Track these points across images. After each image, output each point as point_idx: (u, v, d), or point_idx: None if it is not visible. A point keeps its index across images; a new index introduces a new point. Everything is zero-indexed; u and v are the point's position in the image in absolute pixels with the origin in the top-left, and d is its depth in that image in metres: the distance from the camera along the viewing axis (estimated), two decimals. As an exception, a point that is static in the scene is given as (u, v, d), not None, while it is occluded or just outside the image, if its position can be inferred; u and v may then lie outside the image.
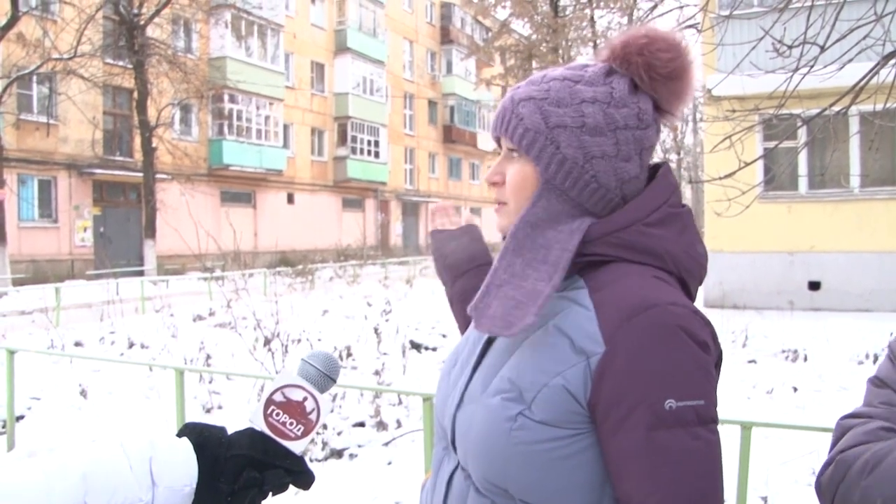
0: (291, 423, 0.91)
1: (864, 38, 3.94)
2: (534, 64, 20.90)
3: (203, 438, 0.88)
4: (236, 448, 0.88)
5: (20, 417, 5.80)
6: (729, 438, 2.16)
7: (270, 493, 0.92)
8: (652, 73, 1.07)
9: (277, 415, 0.90)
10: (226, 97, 27.39)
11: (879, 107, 4.37)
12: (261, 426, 0.90)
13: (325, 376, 0.96)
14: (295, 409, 0.91)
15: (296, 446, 0.91)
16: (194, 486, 0.86)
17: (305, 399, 0.92)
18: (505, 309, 1.07)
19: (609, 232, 1.07)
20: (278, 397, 0.91)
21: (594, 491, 1.01)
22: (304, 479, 0.93)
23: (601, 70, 1.11)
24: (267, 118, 29.51)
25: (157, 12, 21.53)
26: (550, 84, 1.10)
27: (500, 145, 1.19)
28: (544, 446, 1.00)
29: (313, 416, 0.92)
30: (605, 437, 0.99)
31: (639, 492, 0.96)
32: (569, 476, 1.01)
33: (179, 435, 0.90)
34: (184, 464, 0.85)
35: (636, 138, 1.08)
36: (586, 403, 0.99)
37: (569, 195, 1.09)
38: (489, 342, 1.17)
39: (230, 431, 0.94)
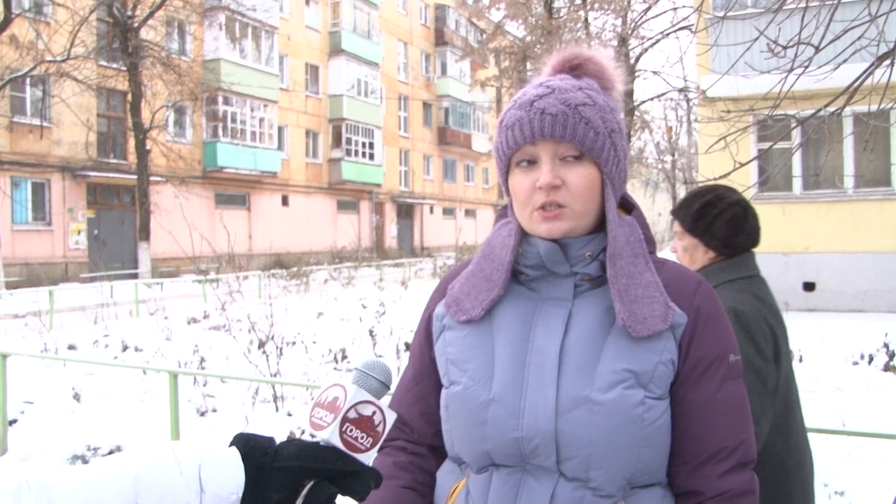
0: (362, 437, 0.93)
1: (859, 38, 3.94)
2: (528, 66, 20.91)
3: (249, 448, 0.90)
4: (283, 459, 0.90)
5: (13, 422, 5.77)
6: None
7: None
8: (603, 76, 1.23)
9: (351, 431, 0.92)
10: (220, 99, 27.34)
11: (874, 108, 4.36)
12: (338, 444, 0.92)
13: (384, 387, 0.98)
14: (365, 424, 0.93)
15: (365, 458, 0.94)
16: (240, 495, 0.87)
17: (374, 413, 0.94)
18: (647, 307, 1.14)
19: (640, 228, 1.24)
20: (352, 414, 0.93)
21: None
22: (373, 475, 0.93)
23: (591, 81, 1.22)
24: (261, 120, 29.46)
25: (151, 14, 21.46)
26: (587, 93, 1.18)
27: (507, 159, 1.21)
28: (664, 418, 1.14)
29: (380, 429, 0.94)
30: (685, 390, 1.15)
31: (718, 435, 1.14)
32: (668, 440, 1.15)
33: (230, 444, 0.91)
34: (232, 473, 0.87)
35: None
36: (676, 368, 1.15)
37: (616, 193, 1.20)
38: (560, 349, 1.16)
39: (233, 436, 0.95)
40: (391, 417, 0.95)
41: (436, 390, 1.28)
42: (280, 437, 0.95)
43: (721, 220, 2.09)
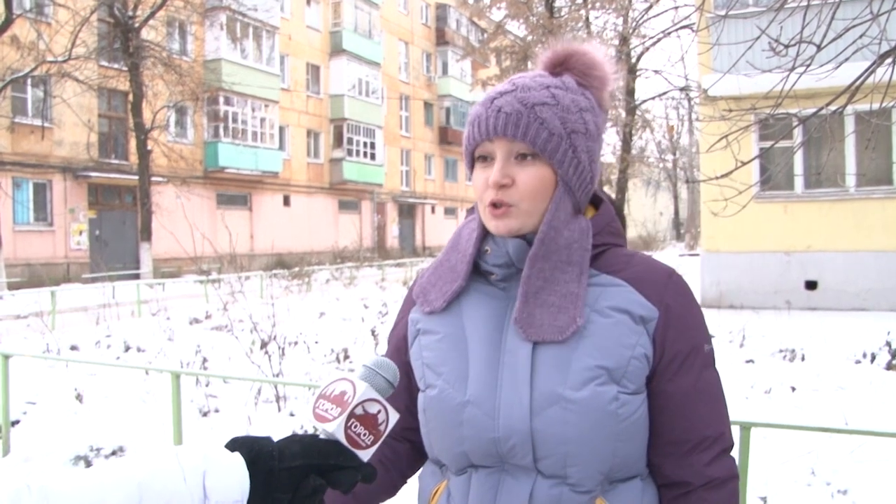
0: (364, 434, 0.94)
1: (861, 37, 3.94)
2: (529, 65, 20.89)
3: (254, 454, 0.89)
4: (289, 459, 0.90)
5: (15, 422, 5.77)
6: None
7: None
8: (589, 72, 1.22)
9: (355, 427, 0.93)
10: (221, 99, 27.34)
11: (875, 106, 4.36)
12: (342, 439, 0.92)
13: (391, 387, 0.99)
14: (370, 421, 0.94)
15: (363, 454, 0.94)
16: (244, 502, 0.87)
17: (379, 412, 0.95)
18: (550, 316, 1.14)
19: (606, 224, 1.24)
20: (359, 411, 0.93)
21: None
22: (367, 471, 0.95)
23: (569, 79, 1.21)
24: (262, 120, 29.47)
25: (152, 14, 21.48)
26: (553, 92, 1.17)
27: (470, 155, 1.22)
28: (639, 412, 1.15)
29: (382, 427, 0.95)
30: (663, 384, 1.16)
31: (700, 425, 1.16)
32: (646, 433, 1.17)
33: (230, 449, 0.90)
34: (236, 479, 0.86)
35: (602, 142, 1.25)
36: (651, 363, 1.15)
37: (575, 195, 1.19)
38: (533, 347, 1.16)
39: (230, 440, 0.94)
40: (394, 417, 0.96)
41: (404, 392, 1.29)
42: (280, 437, 0.95)
43: None
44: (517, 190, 1.15)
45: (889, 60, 4.07)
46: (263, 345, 7.20)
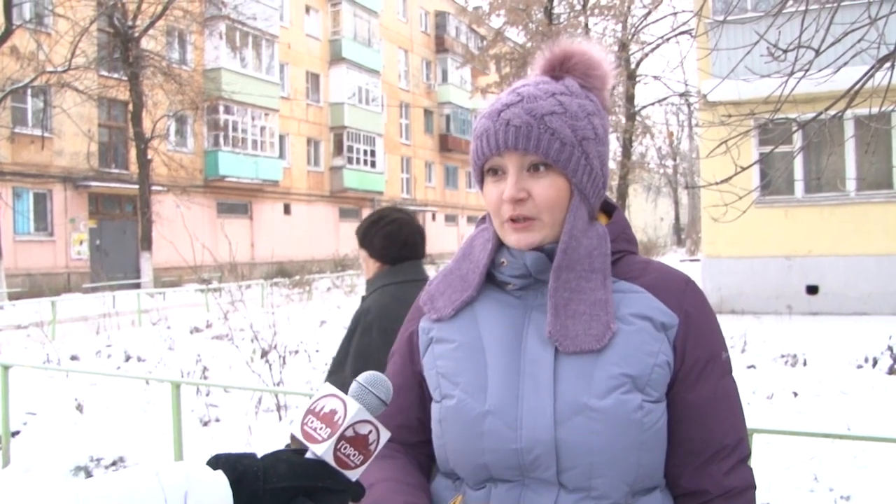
0: (354, 455, 0.91)
1: (859, 41, 3.94)
2: (529, 72, 20.93)
3: (239, 474, 0.86)
4: (274, 480, 0.87)
5: (15, 433, 5.75)
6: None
7: None
8: (591, 73, 1.19)
9: (345, 448, 0.91)
10: (221, 108, 27.39)
11: (875, 110, 4.36)
12: (331, 461, 0.90)
13: (383, 405, 0.97)
14: (360, 442, 0.92)
15: (352, 474, 0.92)
16: None
17: (370, 432, 0.93)
18: (583, 325, 1.13)
19: (621, 231, 1.24)
20: (349, 433, 0.91)
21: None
22: (356, 490, 0.92)
23: (571, 83, 1.19)
24: (262, 129, 29.50)
25: (152, 24, 21.51)
26: (560, 99, 1.15)
27: (479, 169, 1.20)
28: (662, 420, 1.13)
29: (373, 447, 0.93)
30: (683, 392, 1.15)
31: (719, 434, 1.14)
32: (666, 442, 1.15)
33: (213, 466, 0.87)
34: (219, 500, 0.83)
35: (609, 144, 1.23)
36: (673, 370, 1.14)
37: (590, 202, 1.18)
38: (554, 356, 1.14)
39: (238, 451, 0.92)
40: (385, 437, 0.94)
41: (416, 403, 1.26)
42: (281, 446, 0.92)
43: (379, 235, 2.52)
44: (534, 203, 1.13)
45: (888, 64, 4.07)
46: (264, 354, 7.19)
